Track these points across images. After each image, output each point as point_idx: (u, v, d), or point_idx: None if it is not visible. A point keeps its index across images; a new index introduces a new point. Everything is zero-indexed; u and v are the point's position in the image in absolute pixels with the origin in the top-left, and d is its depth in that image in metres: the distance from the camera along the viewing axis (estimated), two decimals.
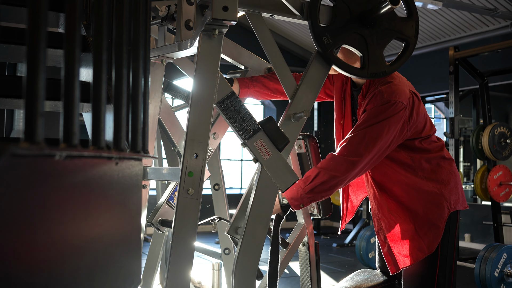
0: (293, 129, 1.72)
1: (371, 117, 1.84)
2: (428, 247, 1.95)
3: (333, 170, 1.82)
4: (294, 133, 1.72)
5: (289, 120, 1.70)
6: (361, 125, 1.86)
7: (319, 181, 1.81)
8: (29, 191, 0.70)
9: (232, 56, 2.19)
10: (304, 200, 1.82)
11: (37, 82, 0.71)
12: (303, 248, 2.15)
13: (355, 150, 1.83)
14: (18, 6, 1.90)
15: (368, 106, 1.88)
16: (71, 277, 0.85)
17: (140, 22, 1.24)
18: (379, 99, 1.85)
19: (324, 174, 1.82)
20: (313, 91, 1.73)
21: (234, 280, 1.65)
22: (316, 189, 1.82)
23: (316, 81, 1.73)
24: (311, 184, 1.81)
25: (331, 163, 1.84)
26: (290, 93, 1.72)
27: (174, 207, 2.11)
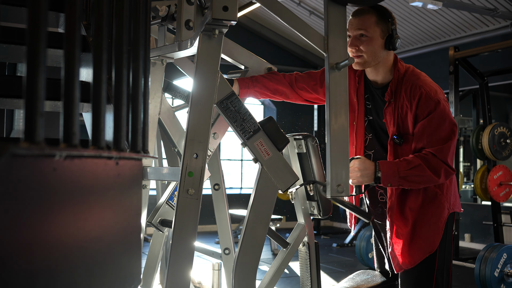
0: (341, 78, 1.71)
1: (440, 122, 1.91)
2: (429, 247, 1.96)
3: (433, 171, 1.88)
4: (343, 82, 1.71)
5: (333, 71, 1.70)
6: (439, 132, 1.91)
7: (416, 173, 1.88)
8: (29, 191, 0.70)
9: (232, 56, 2.19)
10: (394, 180, 1.89)
11: (37, 82, 0.71)
12: (303, 248, 2.15)
13: (452, 163, 1.93)
14: (18, 6, 1.90)
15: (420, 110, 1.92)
16: (71, 277, 0.85)
17: (140, 22, 1.24)
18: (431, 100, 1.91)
19: (425, 171, 1.87)
20: (342, 37, 1.73)
21: (234, 280, 1.65)
22: (410, 178, 1.89)
23: (339, 26, 1.73)
24: (408, 171, 1.87)
25: (435, 163, 1.88)
26: (321, 46, 1.71)
27: (174, 207, 2.11)
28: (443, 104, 1.92)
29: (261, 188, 1.66)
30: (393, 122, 1.97)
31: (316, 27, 7.00)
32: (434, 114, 1.90)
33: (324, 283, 4.73)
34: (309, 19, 7.64)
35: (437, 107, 1.91)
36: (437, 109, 1.90)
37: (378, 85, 2.05)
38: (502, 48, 5.63)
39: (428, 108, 1.91)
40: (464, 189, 9.08)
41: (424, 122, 1.91)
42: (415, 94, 1.92)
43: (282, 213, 7.62)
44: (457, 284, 4.92)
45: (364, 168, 1.91)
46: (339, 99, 1.71)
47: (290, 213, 8.24)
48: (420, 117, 1.92)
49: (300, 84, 2.16)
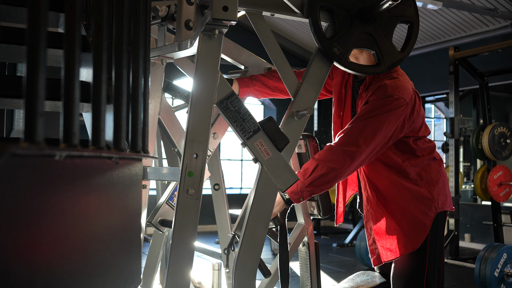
0: (296, 127, 1.71)
1: (373, 109, 1.84)
2: (412, 244, 1.95)
3: (331, 161, 1.82)
4: (298, 131, 1.72)
5: (292, 118, 1.70)
6: (361, 116, 1.86)
7: (318, 174, 1.82)
8: (29, 191, 0.70)
9: (232, 56, 2.19)
10: (304, 193, 1.83)
11: (37, 82, 0.71)
12: (303, 248, 2.15)
13: (353, 141, 1.83)
14: (18, 6, 1.90)
15: (371, 98, 1.88)
16: (71, 277, 0.85)
17: (140, 22, 1.24)
18: (383, 92, 1.85)
19: (323, 166, 1.82)
20: (315, 89, 1.73)
21: (234, 280, 1.65)
22: (316, 182, 1.82)
23: (318, 79, 1.73)
24: (310, 177, 1.82)
25: (329, 155, 1.84)
26: (292, 91, 1.71)
27: (174, 207, 2.11)
28: (396, 102, 1.83)
29: (261, 188, 1.66)
30: None
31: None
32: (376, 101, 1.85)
33: (324, 283, 4.73)
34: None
35: (386, 99, 1.83)
36: (384, 100, 1.83)
37: (359, 78, 2.05)
38: (502, 48, 5.63)
39: (376, 95, 1.86)
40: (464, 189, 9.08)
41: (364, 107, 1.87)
42: (376, 87, 1.89)
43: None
44: (457, 284, 4.92)
45: (276, 204, 1.88)
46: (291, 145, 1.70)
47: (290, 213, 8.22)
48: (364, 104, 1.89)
49: (299, 78, 2.16)
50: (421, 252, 1.97)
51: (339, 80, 2.11)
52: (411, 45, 1.82)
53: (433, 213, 1.97)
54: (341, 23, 1.72)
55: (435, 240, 1.99)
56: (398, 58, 1.79)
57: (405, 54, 1.80)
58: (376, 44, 1.75)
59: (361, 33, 1.73)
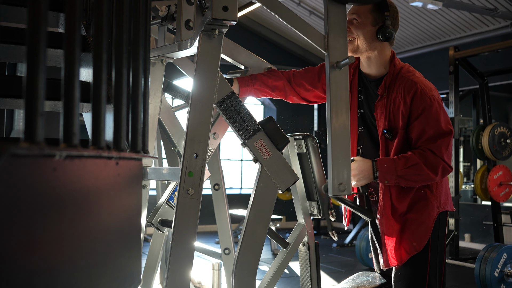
0: (342, 77, 1.71)
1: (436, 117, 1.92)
2: (417, 244, 1.96)
3: (431, 169, 1.89)
4: (344, 81, 1.72)
5: (334, 69, 1.70)
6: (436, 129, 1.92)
7: (414, 171, 1.89)
8: (29, 191, 0.70)
9: (232, 56, 2.19)
10: (392, 178, 1.90)
11: (37, 82, 0.71)
12: (303, 248, 2.15)
13: (449, 161, 1.94)
14: (18, 6, 1.90)
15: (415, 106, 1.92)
16: (71, 276, 0.85)
17: (140, 22, 1.24)
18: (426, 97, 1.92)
19: (422, 170, 1.88)
20: (342, 35, 1.73)
21: (234, 280, 1.65)
22: (407, 177, 1.90)
23: (341, 25, 1.73)
24: (406, 170, 1.89)
25: (432, 161, 1.89)
26: (322, 45, 1.72)
27: (174, 207, 2.11)
28: (438, 101, 1.94)
29: (261, 188, 1.66)
30: (384, 116, 1.97)
31: (317, 27, 7.00)
32: (429, 110, 1.91)
33: (324, 283, 4.73)
34: (309, 19, 7.64)
35: (433, 104, 1.92)
36: (433, 105, 1.92)
37: (372, 78, 2.06)
38: (502, 48, 5.63)
39: (423, 104, 1.91)
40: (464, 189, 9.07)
41: (421, 119, 1.92)
42: (410, 89, 1.93)
43: (282, 213, 7.61)
44: (457, 284, 4.92)
45: (361, 171, 1.92)
46: (340, 98, 1.71)
47: (290, 213, 8.23)
48: (415, 113, 1.92)
49: (297, 80, 2.16)
50: (423, 253, 1.97)
51: None
52: None
53: (436, 213, 1.97)
54: None
55: (437, 240, 1.99)
56: None
57: None
58: None
59: None
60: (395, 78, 1.98)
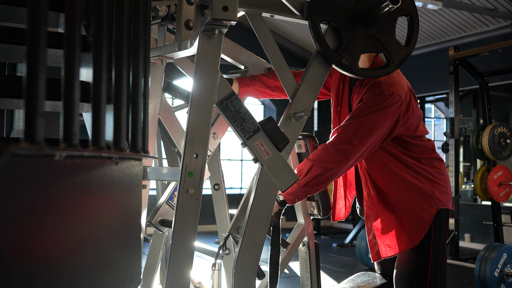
0: (293, 129, 1.71)
1: (368, 106, 1.84)
2: (411, 240, 1.94)
3: (326, 161, 1.82)
4: (295, 133, 1.72)
5: (289, 119, 1.70)
6: (356, 114, 1.86)
7: (313, 174, 1.82)
8: (29, 191, 0.70)
9: (232, 56, 2.19)
10: (299, 194, 1.84)
11: (37, 82, 0.71)
12: (303, 248, 2.15)
13: (348, 139, 1.83)
14: (18, 6, 1.90)
15: (365, 95, 1.88)
16: (71, 277, 0.85)
17: (140, 22, 1.24)
18: (377, 89, 1.85)
19: (318, 166, 1.82)
20: (313, 91, 1.73)
21: (234, 280, 1.65)
22: (311, 183, 1.83)
23: (316, 81, 1.73)
24: (305, 178, 1.82)
25: (324, 154, 1.84)
26: (291, 93, 1.71)
27: (174, 207, 2.11)
28: (391, 99, 1.83)
29: (261, 188, 1.66)
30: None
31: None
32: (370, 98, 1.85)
33: (324, 283, 4.73)
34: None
35: (381, 96, 1.83)
36: (379, 97, 1.83)
37: None
38: (502, 48, 5.63)
39: (371, 92, 1.86)
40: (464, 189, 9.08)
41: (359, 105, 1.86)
42: (371, 82, 1.89)
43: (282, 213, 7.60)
44: (457, 284, 4.92)
45: None
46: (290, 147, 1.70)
47: (290, 213, 8.23)
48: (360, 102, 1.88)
49: (298, 78, 2.17)
50: (424, 252, 1.96)
51: (338, 76, 2.11)
52: (414, 37, 1.80)
53: (434, 210, 1.96)
54: (343, 32, 1.71)
55: (439, 239, 1.98)
56: (406, 53, 1.78)
57: (411, 47, 1.79)
58: (381, 45, 1.74)
59: (365, 38, 1.73)
60: None
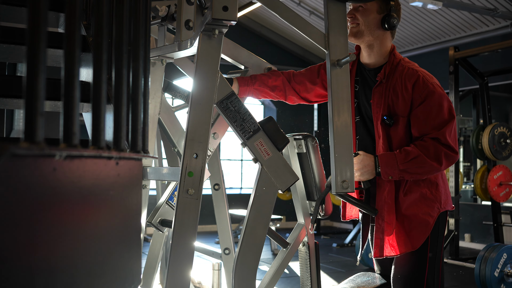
0: (343, 75, 1.73)
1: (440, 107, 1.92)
2: (412, 243, 1.95)
3: (434, 159, 1.88)
4: (345, 79, 1.73)
5: (335, 67, 1.72)
6: (439, 116, 1.92)
7: (416, 164, 1.88)
8: (29, 191, 0.70)
9: (232, 56, 2.19)
10: (395, 174, 1.90)
11: (37, 82, 0.71)
12: (303, 248, 2.15)
13: (454, 145, 1.92)
14: (18, 6, 1.90)
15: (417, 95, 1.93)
16: (71, 276, 0.85)
17: (140, 22, 1.24)
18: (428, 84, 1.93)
19: (424, 161, 1.88)
20: (343, 33, 1.75)
21: (234, 280, 1.65)
22: (410, 170, 1.90)
23: (340, 22, 1.75)
24: (408, 163, 1.88)
25: (434, 150, 1.89)
26: (323, 44, 1.74)
27: (174, 207, 2.11)
28: (439, 88, 1.96)
29: (261, 188, 1.66)
30: (383, 102, 1.97)
31: (317, 27, 7.00)
32: (432, 98, 1.92)
33: (324, 283, 4.73)
34: (309, 19, 7.63)
35: (435, 90, 1.93)
36: (435, 92, 1.93)
37: (370, 67, 2.06)
38: (502, 48, 5.63)
39: (425, 91, 1.93)
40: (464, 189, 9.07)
41: (422, 107, 1.92)
42: (411, 76, 1.95)
43: (282, 213, 7.61)
44: (457, 284, 4.92)
45: (363, 166, 1.91)
46: (342, 96, 1.73)
47: (290, 213, 8.24)
48: (417, 100, 1.93)
49: (298, 78, 2.17)
50: (422, 254, 1.96)
51: None
52: None
53: (436, 214, 1.97)
54: None
55: (436, 241, 1.98)
56: None
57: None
58: None
59: None
60: (395, 67, 1.99)
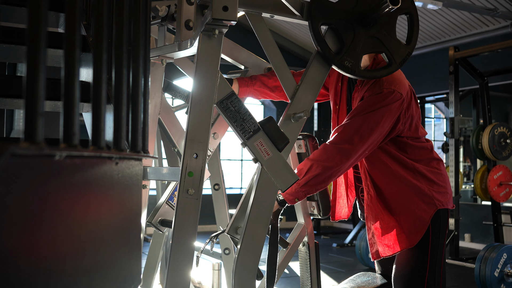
0: (293, 129, 1.71)
1: (369, 105, 1.84)
2: (409, 240, 1.94)
3: (326, 161, 1.82)
4: (294, 133, 1.72)
5: (289, 120, 1.70)
6: (357, 112, 1.85)
7: (312, 174, 1.82)
8: (29, 191, 0.70)
9: (232, 56, 2.19)
10: (299, 194, 1.84)
11: (37, 82, 0.71)
12: (303, 248, 2.15)
13: (348, 139, 1.83)
14: (18, 6, 1.90)
15: (367, 93, 1.87)
16: (71, 277, 0.85)
17: (140, 22, 1.24)
18: (378, 87, 1.85)
19: (318, 166, 1.82)
20: (313, 91, 1.73)
21: (234, 280, 1.65)
22: (310, 183, 1.83)
23: (316, 81, 1.73)
24: (305, 177, 1.83)
25: (324, 154, 1.84)
26: (290, 93, 1.71)
27: (174, 207, 2.11)
28: (392, 97, 1.83)
29: (261, 188, 1.66)
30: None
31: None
32: (371, 97, 1.85)
33: (324, 283, 4.73)
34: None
35: (382, 94, 1.83)
36: (380, 95, 1.83)
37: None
38: (502, 48, 5.63)
39: (372, 90, 1.86)
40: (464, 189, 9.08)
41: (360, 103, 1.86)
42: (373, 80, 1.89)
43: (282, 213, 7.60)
44: (457, 284, 4.92)
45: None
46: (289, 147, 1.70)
47: (290, 213, 8.24)
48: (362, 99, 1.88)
49: (298, 78, 2.17)
50: (423, 252, 1.96)
51: (336, 74, 2.11)
52: (415, 36, 1.80)
53: (433, 210, 1.95)
54: (344, 34, 1.70)
55: (437, 240, 1.97)
56: (407, 52, 1.78)
57: (412, 46, 1.79)
58: (383, 45, 1.74)
59: (366, 38, 1.73)
60: None
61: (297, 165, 2.12)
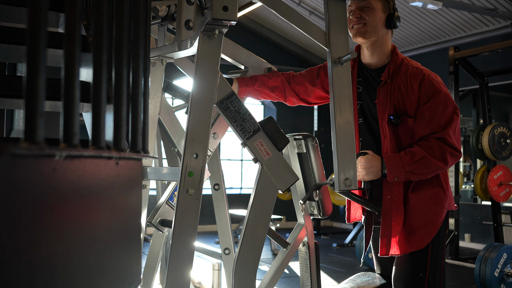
0: (344, 73, 1.74)
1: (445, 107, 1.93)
2: (418, 243, 1.94)
3: (439, 159, 1.89)
4: (346, 76, 1.74)
5: (336, 65, 1.73)
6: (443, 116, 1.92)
7: (422, 165, 1.89)
8: (29, 191, 0.70)
9: (232, 56, 2.19)
10: (400, 175, 1.90)
11: (37, 82, 0.71)
12: (303, 248, 2.15)
13: (458, 145, 1.93)
14: (18, 6, 1.90)
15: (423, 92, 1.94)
16: (71, 276, 0.85)
17: (140, 22, 1.24)
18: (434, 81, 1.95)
19: (430, 161, 1.89)
20: (342, 31, 1.76)
21: (234, 280, 1.65)
22: (416, 171, 1.90)
23: (341, 21, 1.76)
24: (414, 164, 1.88)
25: (439, 150, 1.90)
26: (323, 42, 1.75)
27: (174, 207, 2.11)
28: (444, 88, 1.97)
29: (261, 188, 1.66)
30: (389, 102, 1.97)
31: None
32: (437, 97, 1.93)
33: (324, 283, 4.73)
34: (309, 18, 7.63)
35: (440, 90, 1.94)
36: (441, 92, 1.94)
37: (373, 67, 2.06)
38: (502, 48, 5.63)
39: (431, 90, 1.94)
40: (464, 189, 9.07)
41: (428, 106, 1.93)
42: (416, 75, 1.95)
43: (282, 213, 7.61)
44: (457, 284, 4.92)
45: (370, 166, 1.91)
46: (343, 94, 1.74)
47: (290, 213, 8.24)
48: (423, 99, 1.94)
49: (298, 79, 2.17)
50: (423, 254, 1.95)
51: None
52: None
53: (444, 213, 1.98)
54: None
55: (438, 240, 1.97)
56: None
57: None
58: None
59: None
60: (399, 66, 1.99)
61: (297, 165, 2.12)
